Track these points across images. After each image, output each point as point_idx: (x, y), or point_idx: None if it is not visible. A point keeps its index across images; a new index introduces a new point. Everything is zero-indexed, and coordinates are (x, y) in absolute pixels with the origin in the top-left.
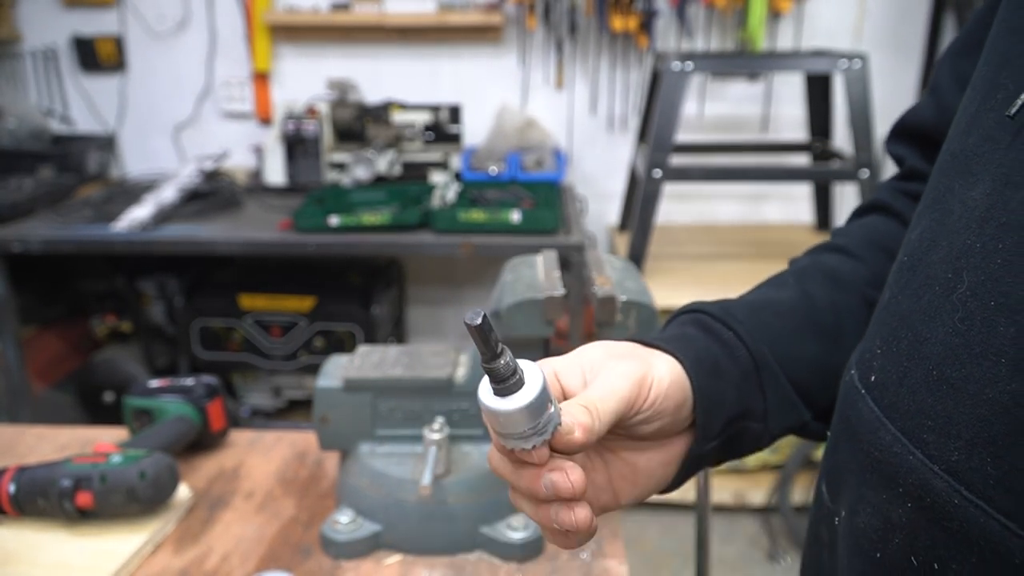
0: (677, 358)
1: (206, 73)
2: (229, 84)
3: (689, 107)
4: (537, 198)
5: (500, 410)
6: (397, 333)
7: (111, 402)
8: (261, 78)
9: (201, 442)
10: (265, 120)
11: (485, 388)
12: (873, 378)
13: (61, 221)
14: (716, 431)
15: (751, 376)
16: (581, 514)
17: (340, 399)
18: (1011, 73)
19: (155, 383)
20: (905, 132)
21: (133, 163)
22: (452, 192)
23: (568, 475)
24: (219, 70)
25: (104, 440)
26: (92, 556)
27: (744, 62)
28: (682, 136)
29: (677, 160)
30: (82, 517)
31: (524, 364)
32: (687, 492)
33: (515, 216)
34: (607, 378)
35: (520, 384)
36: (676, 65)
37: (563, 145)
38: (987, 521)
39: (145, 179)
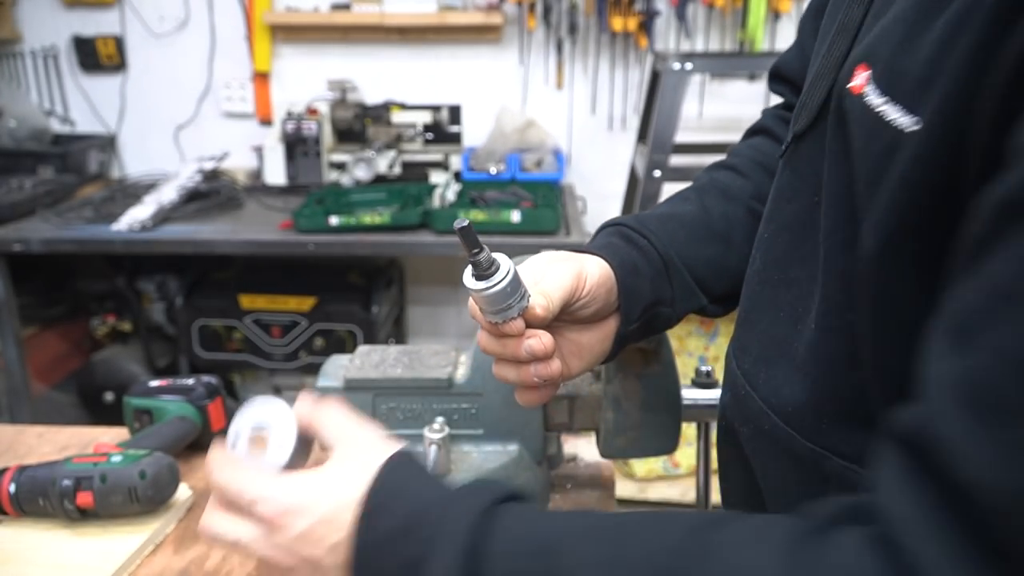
0: (604, 259)
1: (206, 73)
2: (229, 84)
3: (689, 107)
4: (537, 198)
5: (488, 289)
6: (397, 333)
7: (111, 402)
8: (261, 78)
9: (201, 442)
10: (265, 120)
11: (469, 278)
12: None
13: (61, 221)
14: (636, 315)
15: (661, 272)
16: (554, 366)
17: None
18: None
19: (155, 383)
20: (779, 76)
21: (133, 163)
22: (452, 192)
23: (541, 339)
24: (219, 70)
25: (104, 440)
26: (92, 556)
27: (744, 62)
28: (682, 136)
29: (677, 160)
30: (82, 517)
31: (497, 256)
32: (687, 492)
33: (515, 216)
34: (553, 275)
35: (497, 270)
36: (676, 65)
37: (563, 145)
38: (756, 405)
39: (145, 179)
